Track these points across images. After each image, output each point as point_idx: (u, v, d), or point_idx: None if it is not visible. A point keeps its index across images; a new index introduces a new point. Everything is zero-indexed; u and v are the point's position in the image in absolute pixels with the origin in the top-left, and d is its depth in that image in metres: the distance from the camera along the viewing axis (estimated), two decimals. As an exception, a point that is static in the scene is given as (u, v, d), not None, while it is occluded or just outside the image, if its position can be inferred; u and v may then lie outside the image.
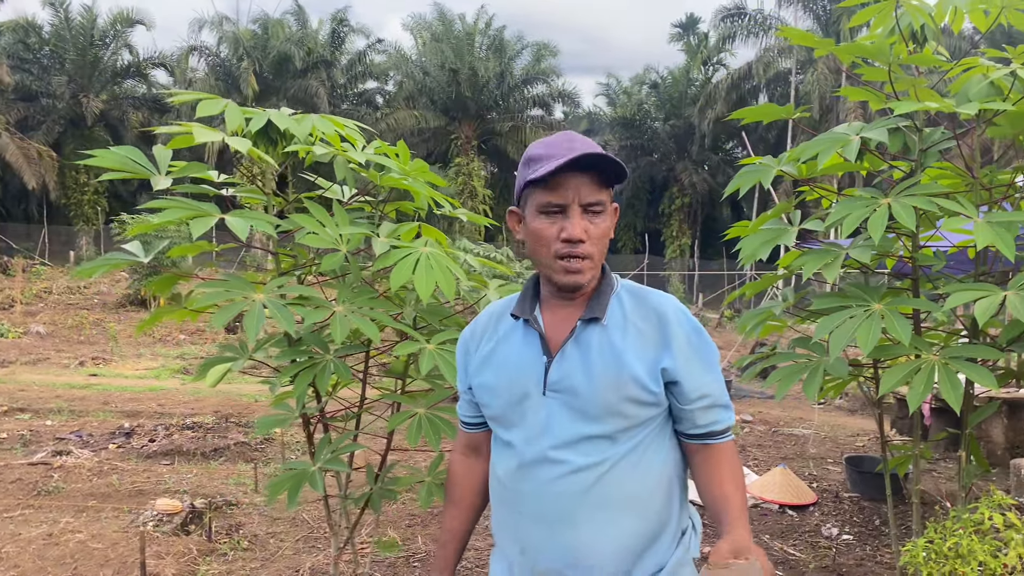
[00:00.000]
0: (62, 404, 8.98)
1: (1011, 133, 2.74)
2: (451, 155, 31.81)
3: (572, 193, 1.51)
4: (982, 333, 3.03)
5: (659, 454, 1.61)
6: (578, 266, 1.53)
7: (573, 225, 1.50)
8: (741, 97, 29.94)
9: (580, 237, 1.51)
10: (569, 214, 1.51)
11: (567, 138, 1.56)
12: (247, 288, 2.34)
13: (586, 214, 1.52)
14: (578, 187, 1.51)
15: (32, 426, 7.83)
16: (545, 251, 1.55)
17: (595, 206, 1.52)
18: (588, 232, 1.52)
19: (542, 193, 1.53)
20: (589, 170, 1.51)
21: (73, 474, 6.14)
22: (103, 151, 2.47)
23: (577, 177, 1.50)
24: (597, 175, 1.52)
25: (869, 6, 2.90)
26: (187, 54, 30.94)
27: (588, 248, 1.53)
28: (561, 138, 1.56)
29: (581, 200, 1.51)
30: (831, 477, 6.68)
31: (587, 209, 1.52)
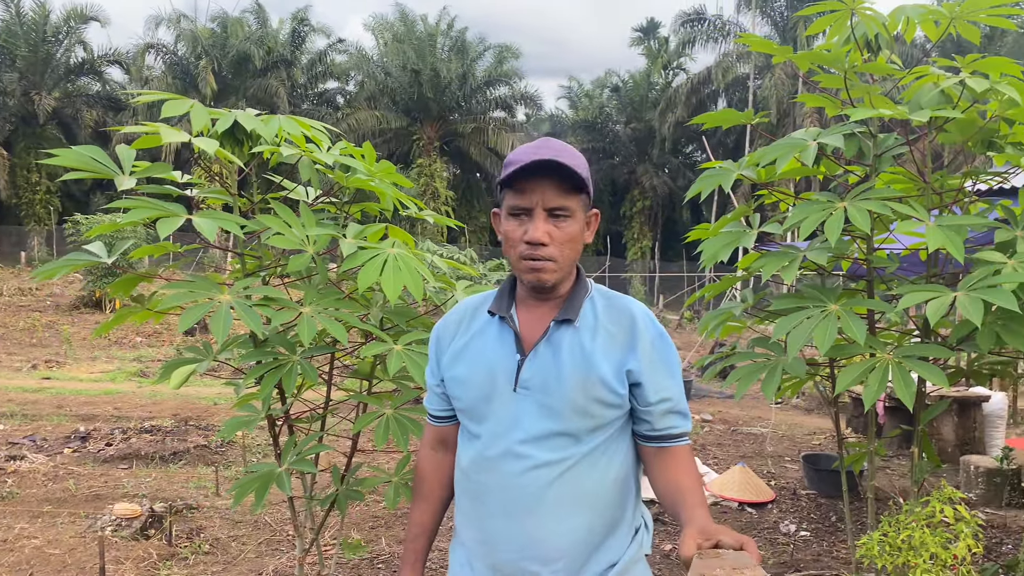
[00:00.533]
0: (14, 408, 8.78)
1: (960, 139, 2.84)
2: (413, 156, 31.71)
3: (537, 197, 1.56)
4: (933, 333, 3.13)
5: (618, 455, 1.68)
6: (540, 266, 1.58)
7: (535, 228, 1.56)
8: (701, 101, 30.34)
9: (541, 240, 1.56)
10: (533, 217, 1.57)
11: (541, 144, 1.60)
12: (213, 289, 2.33)
13: (551, 218, 1.57)
14: (543, 192, 1.56)
15: (-17, 431, 7.66)
16: (513, 251, 1.62)
17: (559, 211, 1.57)
18: (551, 235, 1.57)
19: (511, 196, 1.59)
20: (554, 175, 1.55)
21: (27, 479, 6.02)
22: (65, 150, 2.44)
23: (543, 182, 1.56)
24: (563, 181, 1.56)
25: (826, 15, 2.98)
26: (143, 52, 30.40)
27: (551, 251, 1.57)
28: (536, 144, 1.61)
29: (545, 204, 1.56)
30: (789, 475, 6.81)
31: (552, 213, 1.57)
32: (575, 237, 1.60)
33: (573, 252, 1.62)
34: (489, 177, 33.77)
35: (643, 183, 32.95)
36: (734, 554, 1.27)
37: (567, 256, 1.60)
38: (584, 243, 1.66)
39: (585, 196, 1.61)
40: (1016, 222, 2.72)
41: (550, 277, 1.60)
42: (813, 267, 3.05)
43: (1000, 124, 2.81)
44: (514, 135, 31.85)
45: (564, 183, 1.56)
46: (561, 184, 1.56)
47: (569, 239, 1.59)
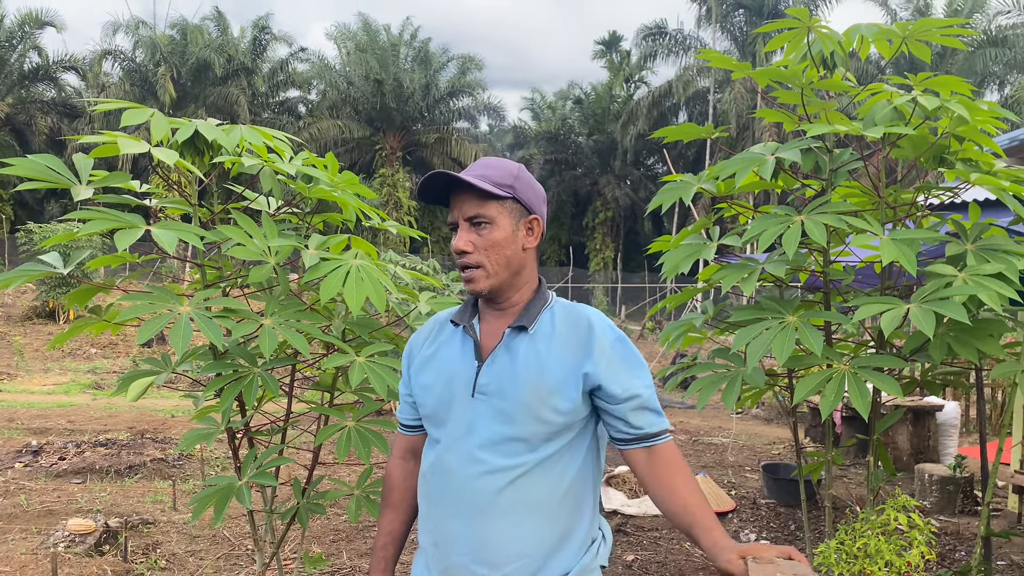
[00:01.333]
0: (-37, 422, 8.54)
1: (913, 155, 2.92)
2: (376, 166, 31.59)
3: (458, 211, 1.66)
4: (888, 344, 3.20)
5: (572, 465, 1.69)
6: (469, 275, 1.66)
7: (458, 238, 1.65)
8: (662, 114, 30.70)
9: (462, 248, 1.64)
10: (459, 230, 1.66)
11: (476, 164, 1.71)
12: (172, 301, 2.30)
13: (473, 227, 1.65)
14: (462, 204, 1.65)
15: (-70, 445, 7.43)
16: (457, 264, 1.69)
17: (477, 219, 1.64)
18: (474, 243, 1.64)
19: (449, 213, 1.69)
20: (470, 187, 1.64)
21: (-24, 495, 5.85)
22: (20, 160, 2.40)
23: (461, 195, 1.66)
24: (479, 191, 1.63)
25: (783, 33, 3.04)
26: (100, 58, 29.84)
27: (475, 258, 1.64)
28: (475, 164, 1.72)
29: (464, 215, 1.65)
30: (749, 484, 6.89)
31: (472, 222, 1.65)
32: (499, 243, 1.65)
33: (502, 257, 1.65)
34: (452, 187, 33.69)
35: (605, 194, 33.21)
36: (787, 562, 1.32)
37: (496, 261, 1.65)
38: (525, 248, 1.69)
39: (511, 202, 1.67)
40: (966, 236, 2.79)
41: (482, 285, 1.66)
42: (772, 279, 3.10)
43: (951, 140, 2.89)
44: (477, 146, 31.92)
45: (480, 192, 1.63)
46: (477, 194, 1.64)
47: (492, 244, 1.64)
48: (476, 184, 1.61)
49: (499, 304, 1.71)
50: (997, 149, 2.87)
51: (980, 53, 25.97)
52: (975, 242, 2.79)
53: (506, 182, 1.66)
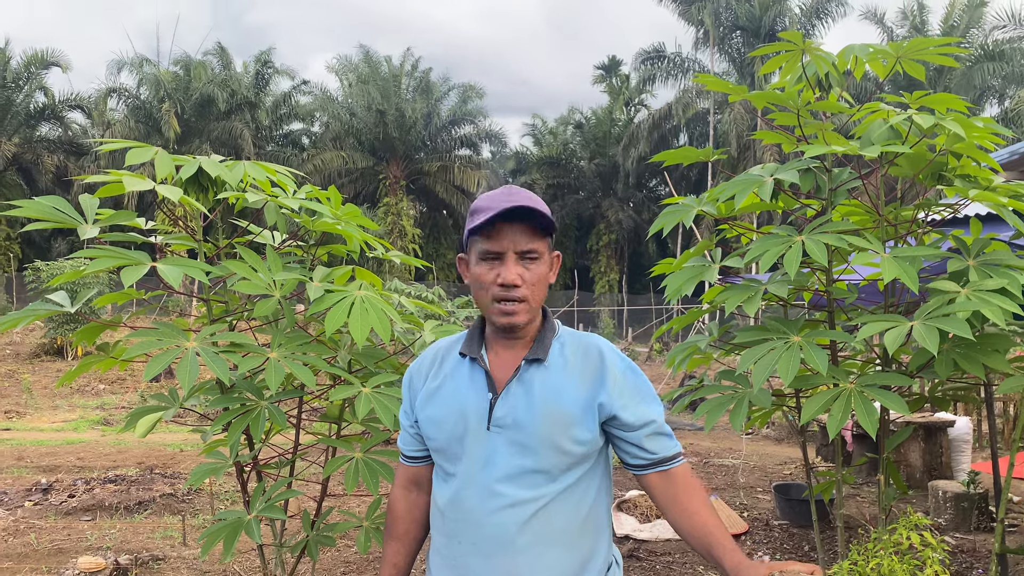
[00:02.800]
0: (-28, 461, 8.54)
1: (911, 173, 2.93)
2: (380, 195, 31.75)
3: (508, 242, 1.63)
4: (894, 361, 3.20)
5: (590, 491, 1.71)
6: (512, 308, 1.64)
7: (508, 270, 1.62)
8: (663, 136, 30.82)
9: (514, 282, 1.62)
10: (505, 261, 1.63)
11: (507, 191, 1.67)
12: (179, 336, 2.32)
13: (521, 260, 1.64)
14: (513, 236, 1.63)
15: (-60, 486, 7.42)
16: (485, 295, 1.66)
17: (529, 254, 1.64)
18: (523, 277, 1.63)
19: (483, 242, 1.65)
20: (524, 221, 1.62)
21: (-14, 535, 5.84)
22: (28, 201, 2.43)
23: (513, 227, 1.63)
24: (531, 225, 1.63)
25: (778, 55, 3.07)
26: (105, 96, 30.17)
27: (523, 292, 1.63)
28: (501, 192, 1.68)
29: (516, 248, 1.63)
30: (761, 506, 6.83)
31: (522, 256, 1.64)
32: (543, 278, 1.67)
33: (542, 293, 1.68)
34: (455, 214, 33.89)
35: (608, 217, 33.27)
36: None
37: (537, 297, 1.66)
38: (550, 283, 1.72)
39: (550, 239, 1.69)
40: (968, 252, 2.80)
41: (522, 318, 1.65)
42: (775, 299, 3.11)
43: (948, 157, 2.91)
44: (479, 172, 32.08)
45: (533, 227, 1.63)
46: (531, 228, 1.63)
47: (539, 280, 1.66)
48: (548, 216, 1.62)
49: (516, 336, 1.71)
50: (994, 164, 2.88)
51: (978, 67, 26.09)
52: (977, 257, 2.80)
53: (550, 217, 1.67)
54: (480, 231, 1.64)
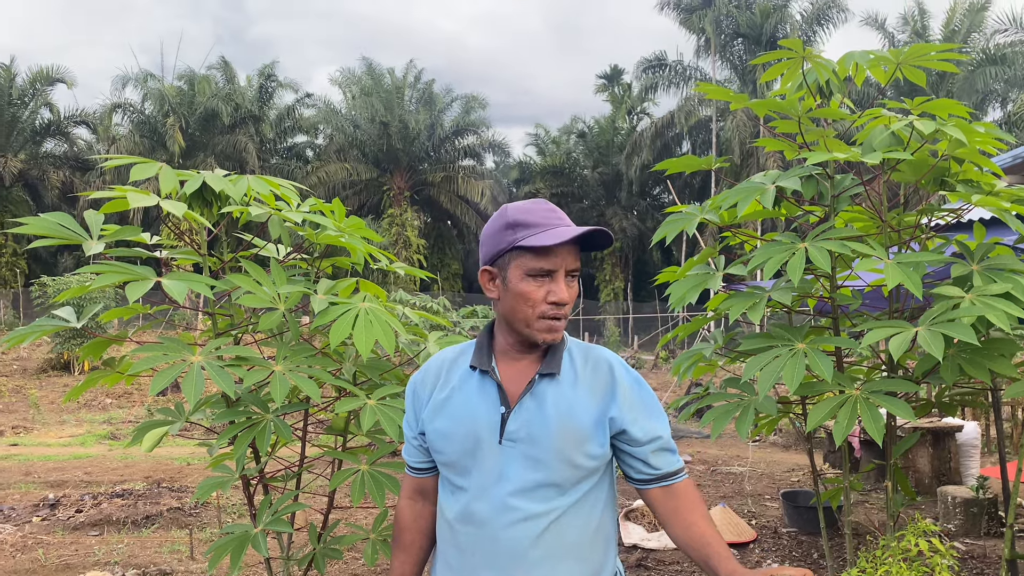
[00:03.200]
0: (-20, 477, 8.56)
1: (913, 178, 2.93)
2: (384, 206, 31.84)
3: (560, 260, 1.64)
4: (900, 366, 3.19)
5: (599, 504, 1.72)
6: (559, 325, 1.66)
7: (561, 289, 1.64)
8: (665, 144, 30.86)
9: (565, 300, 1.64)
10: (556, 279, 1.64)
11: (549, 208, 1.69)
12: (184, 351, 2.33)
13: (569, 279, 1.67)
14: (566, 255, 1.64)
15: (-52, 502, 7.44)
16: (530, 311, 1.65)
17: (575, 272, 1.67)
18: (570, 295, 1.66)
19: (533, 259, 1.63)
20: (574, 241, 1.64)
21: (-5, 551, 5.85)
22: (33, 218, 2.45)
23: (566, 246, 1.64)
24: (579, 245, 1.66)
25: (779, 63, 3.08)
26: (111, 111, 30.33)
27: (568, 309, 1.67)
28: (543, 208, 1.68)
29: (568, 267, 1.65)
30: (769, 513, 6.81)
31: (569, 274, 1.66)
32: (575, 295, 1.70)
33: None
34: (460, 224, 33.95)
35: (613, 225, 33.27)
36: None
37: (569, 312, 1.69)
38: None
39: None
40: (971, 256, 2.80)
41: (560, 335, 1.68)
42: (780, 306, 3.11)
43: (951, 162, 2.91)
44: (483, 183, 32.14)
45: (579, 247, 1.66)
46: (577, 248, 1.66)
47: (574, 297, 1.69)
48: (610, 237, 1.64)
49: (532, 349, 1.71)
50: (996, 169, 2.88)
51: (980, 71, 26.08)
52: (981, 262, 2.79)
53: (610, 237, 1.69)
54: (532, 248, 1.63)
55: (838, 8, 28.63)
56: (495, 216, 1.71)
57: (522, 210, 1.67)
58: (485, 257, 1.71)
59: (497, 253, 1.67)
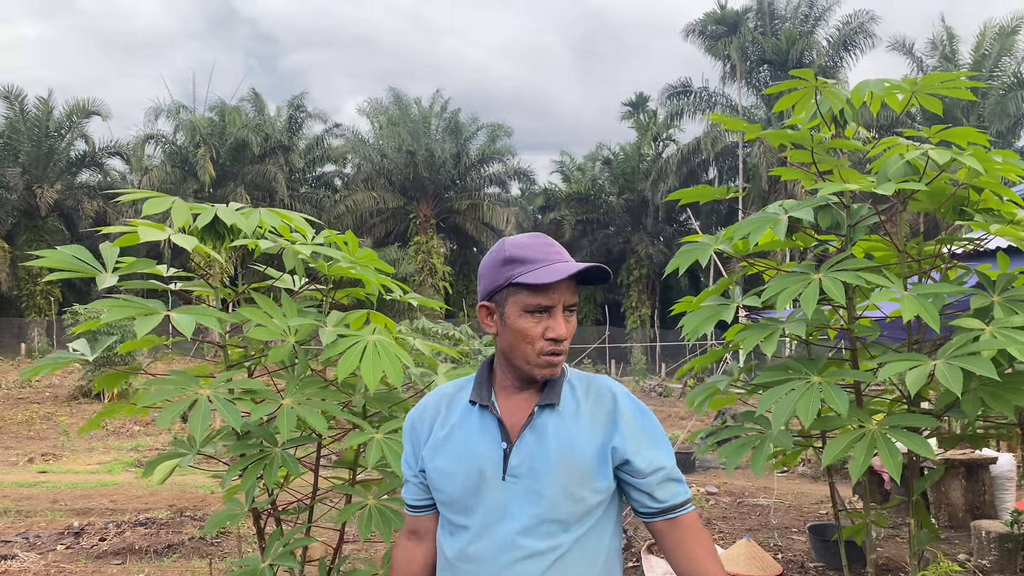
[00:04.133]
0: (8, 504, 8.64)
1: (931, 207, 2.88)
2: (410, 234, 32.06)
3: (559, 296, 1.62)
4: (923, 399, 3.12)
5: (604, 540, 1.68)
6: (558, 360, 1.64)
7: (560, 325, 1.62)
8: (692, 171, 30.78)
9: (564, 336, 1.62)
10: (554, 315, 1.62)
11: (547, 243, 1.67)
12: (193, 383, 2.33)
13: (567, 314, 1.64)
14: (564, 291, 1.62)
15: (-24, 530, 7.52)
16: (529, 348, 1.63)
17: (573, 307, 1.65)
18: (568, 330, 1.64)
19: (531, 296, 1.61)
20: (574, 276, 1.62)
21: (18, 579, 5.89)
22: (50, 251, 2.49)
23: (564, 282, 1.62)
24: (576, 281, 1.63)
25: (793, 92, 3.06)
26: (143, 142, 30.98)
27: (566, 344, 1.64)
28: (541, 242, 1.67)
29: (566, 302, 1.63)
30: (796, 547, 6.66)
31: (568, 309, 1.64)
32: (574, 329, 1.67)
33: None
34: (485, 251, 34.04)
35: (639, 252, 33.17)
36: None
37: (567, 347, 1.66)
38: None
39: None
40: (992, 287, 2.74)
41: (559, 370, 1.66)
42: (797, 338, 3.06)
43: (969, 191, 2.86)
44: (508, 210, 32.26)
45: (577, 282, 1.63)
46: (575, 283, 1.64)
47: (572, 331, 1.66)
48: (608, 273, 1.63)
49: (531, 383, 1.68)
50: (1016, 198, 2.82)
51: (1012, 95, 25.78)
52: (1003, 293, 2.73)
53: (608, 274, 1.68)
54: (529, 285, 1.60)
55: (865, 34, 28.53)
56: (492, 250, 1.69)
57: (519, 245, 1.65)
58: (483, 292, 1.69)
59: (495, 289, 1.65)
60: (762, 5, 29.83)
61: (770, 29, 29.56)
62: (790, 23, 29.63)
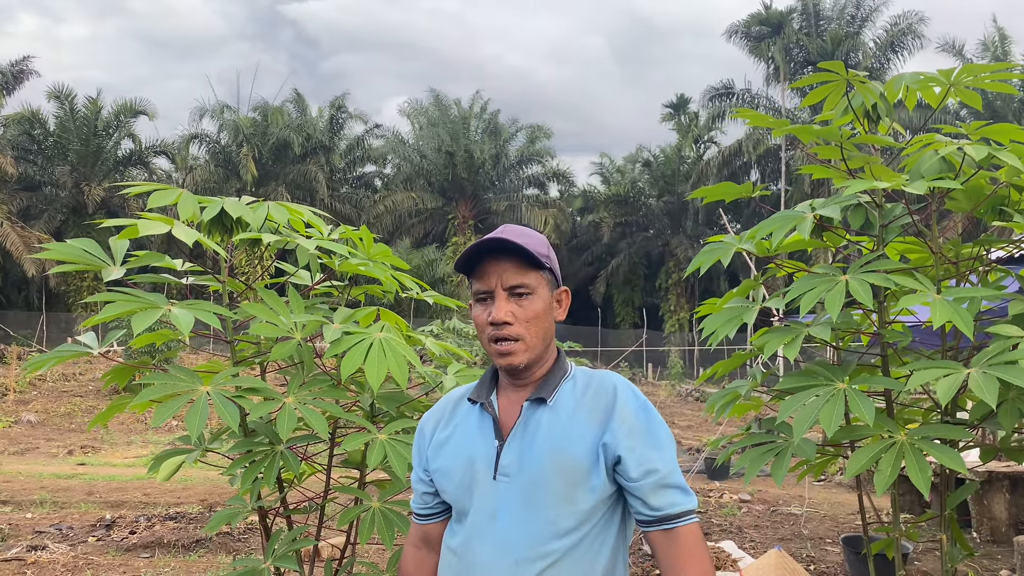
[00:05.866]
0: (45, 495, 8.80)
1: (968, 207, 2.73)
2: (448, 234, 32.16)
3: (495, 279, 1.56)
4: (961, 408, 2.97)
5: (605, 547, 1.58)
6: (508, 348, 1.56)
7: (497, 308, 1.55)
8: (733, 173, 30.38)
9: (504, 319, 1.54)
10: (496, 299, 1.56)
11: (501, 228, 1.62)
12: (193, 381, 2.29)
13: (513, 297, 1.56)
14: (501, 272, 1.56)
15: (12, 519, 7.65)
16: (483, 336, 1.60)
17: (519, 288, 1.56)
18: (515, 314, 1.55)
19: (474, 282, 1.60)
20: (510, 255, 1.55)
21: (46, 570, 5.96)
22: (57, 244, 2.47)
23: (500, 263, 1.56)
24: (520, 259, 1.56)
25: (823, 85, 2.93)
26: (188, 142, 31.50)
27: (516, 329, 1.55)
28: (497, 230, 1.62)
29: (504, 284, 1.56)
30: (829, 559, 6.47)
31: (513, 292, 1.56)
32: (540, 315, 1.58)
33: (540, 330, 1.58)
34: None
35: (678, 255, 32.80)
36: None
37: (534, 334, 1.57)
38: (556, 321, 1.64)
39: (548, 273, 1.61)
40: (1032, 292, 2.58)
41: (520, 358, 1.57)
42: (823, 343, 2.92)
43: (1010, 191, 2.70)
44: (547, 211, 32.15)
45: (521, 261, 1.56)
46: (520, 262, 1.56)
47: (534, 316, 1.57)
48: (527, 250, 1.54)
49: (524, 379, 1.62)
50: (1058, 198, 2.66)
51: (1067, 97, 24.99)
52: (1044, 298, 2.57)
53: (543, 251, 1.60)
54: (471, 273, 1.58)
55: (913, 35, 27.89)
56: None
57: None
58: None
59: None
60: (807, 5, 29.34)
61: (815, 30, 29.05)
62: (836, 24, 29.09)
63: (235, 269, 2.84)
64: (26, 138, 30.41)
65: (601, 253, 34.92)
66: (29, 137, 30.41)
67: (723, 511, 8.28)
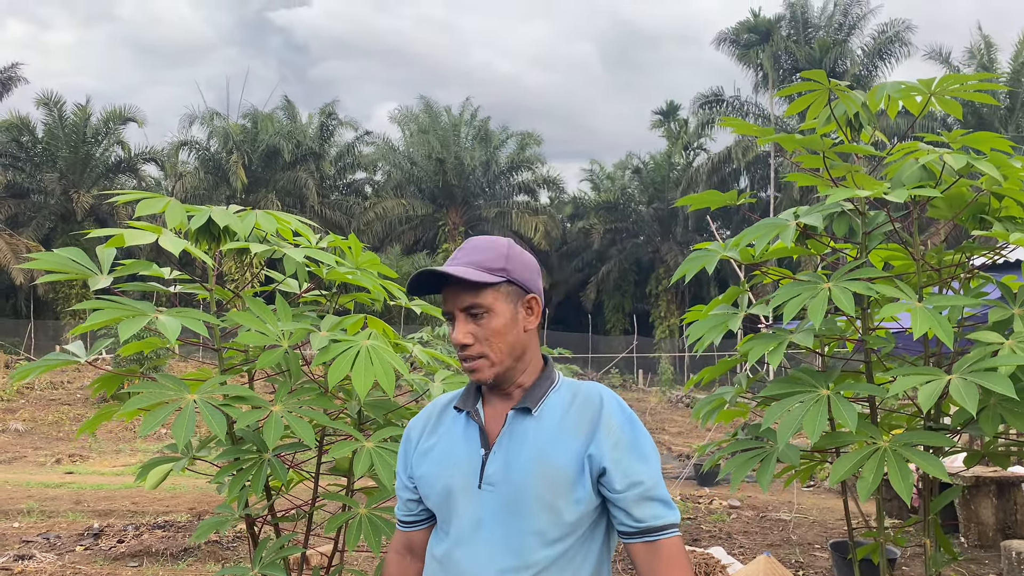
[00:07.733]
0: (33, 504, 8.74)
1: (949, 215, 2.77)
2: (439, 241, 32.15)
3: (451, 302, 1.60)
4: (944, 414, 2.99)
5: (589, 559, 1.59)
6: (472, 365, 1.59)
7: (456, 330, 1.59)
8: (722, 180, 30.48)
9: (462, 341, 1.57)
10: (456, 320, 1.59)
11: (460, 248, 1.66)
12: (180, 389, 2.30)
13: (471, 318, 1.58)
14: (455, 296, 1.59)
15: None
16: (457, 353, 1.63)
17: (473, 308, 1.58)
18: (474, 335, 1.57)
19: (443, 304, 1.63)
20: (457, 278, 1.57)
21: (33, 580, 5.93)
22: (44, 254, 2.48)
23: (453, 286, 1.59)
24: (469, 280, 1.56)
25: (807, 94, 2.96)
26: (178, 149, 31.40)
27: (477, 348, 1.58)
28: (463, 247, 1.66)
29: (459, 306, 1.58)
30: (818, 564, 6.50)
31: (469, 312, 1.58)
32: (500, 330, 1.58)
33: (505, 344, 1.59)
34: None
35: (668, 261, 32.89)
36: None
37: (499, 349, 1.58)
38: (526, 330, 1.63)
39: (507, 285, 1.60)
40: (1012, 299, 2.61)
41: (486, 374, 1.59)
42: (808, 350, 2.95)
43: (990, 199, 2.74)
44: (537, 218, 32.19)
45: (472, 281, 1.57)
46: (469, 284, 1.57)
47: (493, 334, 1.57)
48: (464, 277, 1.55)
49: (505, 389, 1.63)
50: (1036, 207, 2.69)
51: (1053, 105, 25.19)
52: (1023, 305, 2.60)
53: (497, 265, 1.59)
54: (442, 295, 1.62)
55: (900, 42, 28.11)
56: None
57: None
58: None
59: None
60: (795, 13, 29.54)
61: (803, 37, 29.24)
62: (824, 31, 29.29)
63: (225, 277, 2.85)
64: (14, 145, 30.25)
65: (591, 259, 34.96)
66: (17, 144, 30.25)
67: (712, 517, 8.30)
